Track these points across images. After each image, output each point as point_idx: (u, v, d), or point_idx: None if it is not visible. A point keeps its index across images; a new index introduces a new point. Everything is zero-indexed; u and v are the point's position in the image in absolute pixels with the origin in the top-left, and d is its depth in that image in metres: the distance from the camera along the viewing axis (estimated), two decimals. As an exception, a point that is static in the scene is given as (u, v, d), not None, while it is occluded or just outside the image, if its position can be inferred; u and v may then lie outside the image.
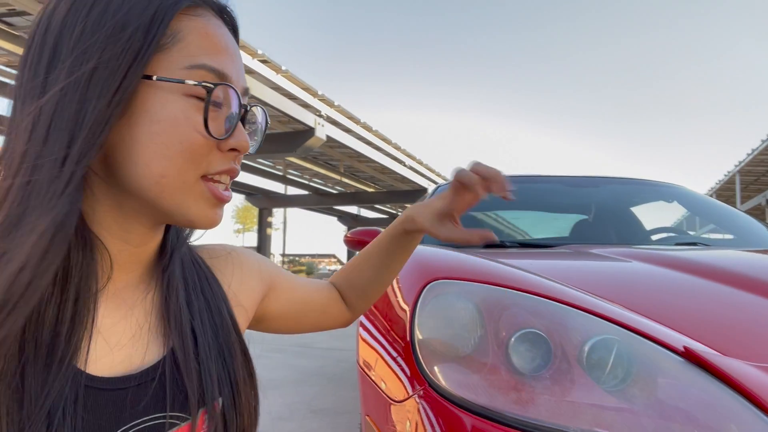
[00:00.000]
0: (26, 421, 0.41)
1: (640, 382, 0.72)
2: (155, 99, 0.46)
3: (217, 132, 0.49)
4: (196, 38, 0.49)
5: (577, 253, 1.50)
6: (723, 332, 0.83)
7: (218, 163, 0.51)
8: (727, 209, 2.31)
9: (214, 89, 0.48)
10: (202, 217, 0.51)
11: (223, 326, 0.58)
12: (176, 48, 0.47)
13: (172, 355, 0.52)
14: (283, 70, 10.57)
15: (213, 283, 0.61)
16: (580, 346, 0.77)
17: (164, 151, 0.47)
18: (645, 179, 2.62)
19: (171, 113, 0.47)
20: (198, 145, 0.48)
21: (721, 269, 1.12)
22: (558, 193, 2.53)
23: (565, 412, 0.69)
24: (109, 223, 0.50)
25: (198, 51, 0.48)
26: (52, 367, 0.44)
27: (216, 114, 0.49)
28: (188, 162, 0.48)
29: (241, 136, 0.51)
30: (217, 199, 0.51)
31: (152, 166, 0.47)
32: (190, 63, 0.48)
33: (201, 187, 0.50)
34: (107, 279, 0.51)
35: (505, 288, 0.91)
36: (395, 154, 16.87)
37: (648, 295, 1.00)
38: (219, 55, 0.50)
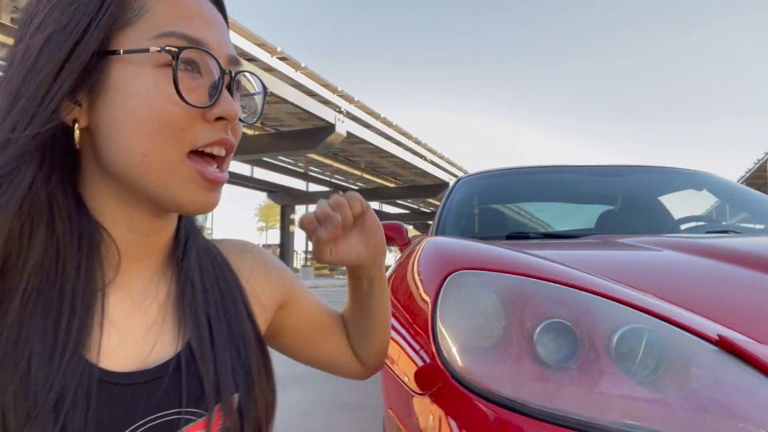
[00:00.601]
0: (33, 409, 0.41)
1: (672, 373, 0.69)
2: (126, 75, 0.45)
3: (197, 100, 0.47)
4: (164, 7, 0.47)
5: (603, 243, 1.46)
6: (758, 319, 0.80)
7: (206, 135, 0.48)
8: (760, 196, 2.23)
9: (180, 52, 0.45)
10: (191, 201, 0.49)
11: (237, 315, 0.57)
12: (143, 19, 0.46)
13: (188, 348, 0.51)
14: (303, 67, 10.61)
15: (227, 272, 0.60)
16: (609, 336, 0.74)
17: (142, 128, 0.45)
18: (672, 167, 2.55)
19: (143, 87, 0.45)
20: (176, 116, 0.46)
21: (754, 255, 1.07)
22: (582, 183, 2.47)
23: (593, 404, 0.67)
24: (112, 212, 0.49)
25: (166, 19, 0.46)
26: (58, 357, 0.43)
27: (195, 83, 0.47)
28: (170, 137, 0.46)
29: (227, 104, 0.48)
30: (207, 181, 0.49)
31: (133, 144, 0.46)
32: (158, 32, 0.46)
33: (188, 168, 0.48)
34: (116, 269, 0.50)
35: (528, 277, 0.88)
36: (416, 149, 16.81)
37: (678, 282, 0.96)
38: (191, 22, 0.48)
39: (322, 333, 0.72)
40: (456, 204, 2.28)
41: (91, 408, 0.43)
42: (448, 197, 2.36)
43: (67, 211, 0.47)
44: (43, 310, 0.44)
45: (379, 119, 14.30)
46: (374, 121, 14.16)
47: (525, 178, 2.52)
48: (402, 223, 2.59)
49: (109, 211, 0.49)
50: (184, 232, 0.57)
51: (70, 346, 0.44)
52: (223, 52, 0.50)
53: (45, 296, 0.45)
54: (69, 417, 0.42)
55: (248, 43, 9.03)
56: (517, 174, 2.53)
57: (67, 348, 0.44)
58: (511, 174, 2.54)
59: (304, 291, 0.71)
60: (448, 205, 2.28)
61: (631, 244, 1.35)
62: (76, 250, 0.46)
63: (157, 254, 0.54)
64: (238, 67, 0.52)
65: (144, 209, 0.50)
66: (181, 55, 0.46)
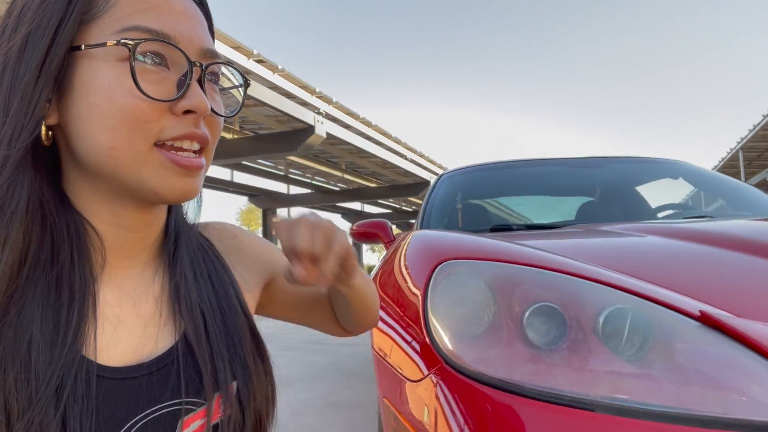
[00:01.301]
0: (34, 395, 0.42)
1: (657, 349, 0.71)
2: (90, 70, 0.45)
3: (162, 94, 0.46)
4: (129, 2, 0.46)
5: (586, 231, 1.49)
6: (737, 296, 0.83)
7: (173, 128, 0.47)
8: (733, 182, 2.29)
9: (137, 45, 0.44)
10: (167, 189, 0.48)
11: (231, 309, 0.57)
12: (108, 14, 0.46)
13: (184, 340, 0.52)
14: (280, 69, 10.56)
15: (219, 267, 0.60)
16: (595, 317, 0.76)
17: (107, 122, 0.45)
18: (648, 157, 2.60)
19: (105, 81, 0.45)
20: (140, 110, 0.45)
21: (732, 237, 1.11)
22: (562, 176, 2.51)
23: (583, 381, 0.69)
24: (96, 209, 0.50)
25: (131, 13, 0.46)
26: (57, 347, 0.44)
27: (160, 76, 0.46)
28: (134, 130, 0.45)
29: (196, 97, 0.47)
30: (179, 167, 0.47)
31: (99, 139, 0.46)
32: (121, 26, 0.45)
33: (157, 156, 0.47)
34: (102, 262, 0.50)
35: (515, 264, 0.90)
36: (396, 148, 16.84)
37: (660, 265, 0.99)
38: (158, 15, 0.46)
39: (309, 305, 0.71)
40: (439, 199, 2.30)
41: (91, 405, 0.44)
42: (431, 193, 2.38)
43: (54, 207, 0.48)
44: (42, 298, 0.45)
45: (358, 119, 14.29)
46: (354, 121, 14.15)
47: (506, 172, 2.55)
48: (387, 220, 2.60)
49: (93, 208, 0.50)
50: (174, 226, 0.57)
51: (69, 335, 0.45)
52: (195, 44, 0.49)
53: (43, 286, 0.45)
54: (70, 404, 0.43)
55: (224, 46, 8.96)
56: (498, 168, 2.56)
57: (68, 337, 0.44)
58: (493, 168, 2.57)
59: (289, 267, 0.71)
60: (431, 201, 2.30)
61: (613, 231, 1.39)
62: (67, 241, 0.47)
63: (147, 249, 0.54)
64: (213, 59, 0.51)
65: (126, 204, 0.50)
66: (146, 48, 0.45)
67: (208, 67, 0.50)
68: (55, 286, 0.46)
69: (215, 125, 0.52)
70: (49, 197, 0.48)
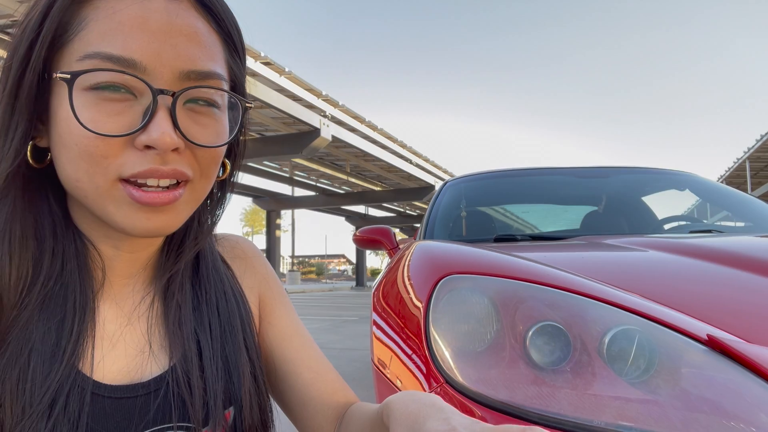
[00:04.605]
0: (28, 407, 0.41)
1: (663, 373, 0.70)
2: (57, 98, 0.43)
3: (123, 126, 0.42)
4: (99, 23, 0.42)
5: (590, 244, 1.48)
6: (746, 319, 0.81)
7: (134, 164, 0.43)
8: (740, 195, 2.27)
9: (74, 80, 0.41)
10: (129, 225, 0.44)
11: (235, 346, 0.55)
12: (77, 38, 0.42)
13: (178, 366, 0.51)
14: (287, 72, 10.59)
15: (231, 297, 0.57)
16: (600, 337, 0.75)
17: (68, 154, 0.43)
18: (655, 168, 2.58)
19: (65, 112, 0.42)
20: (93, 145, 0.41)
21: (739, 255, 1.09)
22: (568, 185, 2.50)
23: (587, 406, 0.68)
24: (92, 228, 0.50)
25: (97, 37, 0.41)
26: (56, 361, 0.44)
27: (123, 105, 0.42)
28: (92, 165, 0.42)
29: (155, 131, 0.42)
30: (141, 203, 0.43)
31: (67, 170, 0.44)
32: (84, 53, 0.41)
33: (119, 192, 0.43)
34: (102, 280, 0.50)
35: (520, 281, 0.89)
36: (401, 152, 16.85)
37: (667, 283, 0.98)
38: (127, 37, 0.41)
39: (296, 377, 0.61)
40: (443, 207, 2.29)
41: (82, 417, 0.44)
42: (435, 200, 2.37)
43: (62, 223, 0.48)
44: (47, 312, 0.45)
45: (364, 123, 14.31)
46: (359, 125, 14.17)
47: (511, 180, 2.54)
48: (390, 227, 2.59)
49: (90, 228, 0.50)
50: (177, 243, 0.56)
51: (68, 349, 0.45)
52: (171, 67, 0.43)
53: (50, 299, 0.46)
54: (60, 420, 0.42)
55: (231, 48, 9.02)
56: (503, 176, 2.55)
57: (67, 351, 0.44)
58: (498, 176, 2.55)
59: (285, 314, 0.64)
60: (435, 208, 2.29)
61: (617, 245, 1.37)
62: (74, 258, 0.47)
63: (147, 269, 0.54)
64: (203, 82, 0.45)
65: None
66: (105, 78, 0.41)
67: (184, 92, 0.44)
68: (61, 301, 0.46)
69: (206, 156, 0.46)
70: (59, 214, 0.48)
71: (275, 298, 0.64)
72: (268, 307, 0.63)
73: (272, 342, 0.62)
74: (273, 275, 0.66)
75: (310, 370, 0.61)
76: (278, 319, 0.63)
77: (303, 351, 0.62)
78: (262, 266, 0.65)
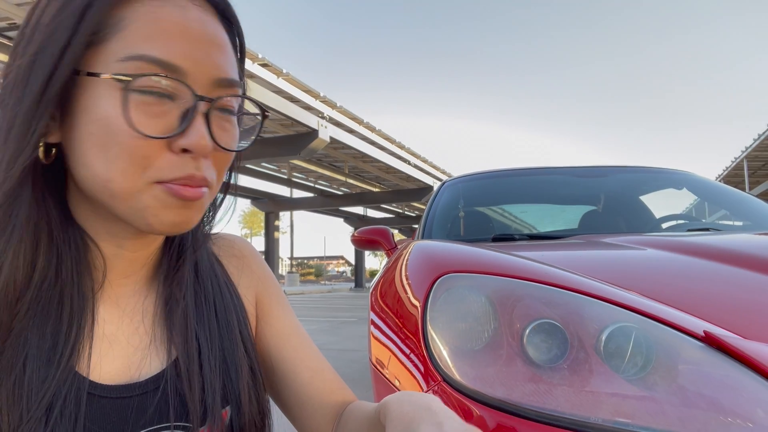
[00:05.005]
0: (25, 414, 0.41)
1: (660, 370, 0.70)
2: (91, 96, 0.43)
3: (160, 129, 0.43)
4: (141, 25, 0.42)
5: (588, 243, 1.48)
6: (743, 315, 0.81)
7: (172, 169, 0.44)
8: (738, 193, 2.28)
9: (133, 80, 0.41)
10: (160, 221, 0.45)
11: (232, 340, 0.55)
12: (116, 38, 0.42)
13: (174, 366, 0.51)
14: (284, 73, 10.59)
15: (226, 293, 0.58)
16: (597, 335, 0.75)
17: (104, 154, 0.43)
18: (652, 167, 2.59)
19: (104, 110, 0.42)
20: (135, 145, 0.42)
21: (736, 253, 1.09)
22: (566, 185, 2.50)
23: (584, 403, 0.68)
24: (96, 227, 0.49)
25: (139, 39, 0.42)
26: (52, 365, 0.43)
27: (162, 109, 0.43)
28: (131, 165, 0.43)
29: (194, 135, 0.43)
30: (176, 197, 0.44)
31: (97, 169, 0.43)
32: (126, 54, 0.42)
33: (153, 191, 0.44)
34: (102, 280, 0.50)
35: (517, 279, 0.89)
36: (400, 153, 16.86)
37: (664, 281, 0.98)
38: (168, 42, 0.43)
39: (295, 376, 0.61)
40: (441, 207, 2.29)
41: (79, 419, 0.44)
42: (433, 200, 2.37)
43: (58, 221, 0.47)
44: (43, 315, 0.45)
45: (362, 124, 14.32)
46: (357, 126, 14.18)
47: (509, 180, 2.54)
48: (388, 227, 2.59)
49: (93, 226, 0.49)
50: (178, 243, 0.56)
51: (66, 352, 0.44)
52: (207, 74, 0.45)
53: (46, 302, 0.45)
54: (57, 423, 0.42)
55: (229, 49, 9.03)
56: (501, 176, 2.55)
57: (65, 354, 0.44)
58: (496, 176, 2.56)
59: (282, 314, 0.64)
60: (433, 208, 2.29)
61: (615, 244, 1.37)
62: (70, 258, 0.47)
63: (146, 267, 0.54)
64: (229, 90, 0.47)
65: (125, 227, 0.49)
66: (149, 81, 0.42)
67: (218, 101, 0.46)
68: (57, 303, 0.45)
69: (223, 160, 0.48)
70: (55, 213, 0.47)
71: (272, 298, 0.64)
72: (265, 307, 0.63)
73: (270, 342, 0.62)
74: (270, 275, 0.66)
75: (309, 369, 0.61)
76: (276, 318, 0.63)
77: (301, 350, 0.62)
78: (258, 266, 0.65)
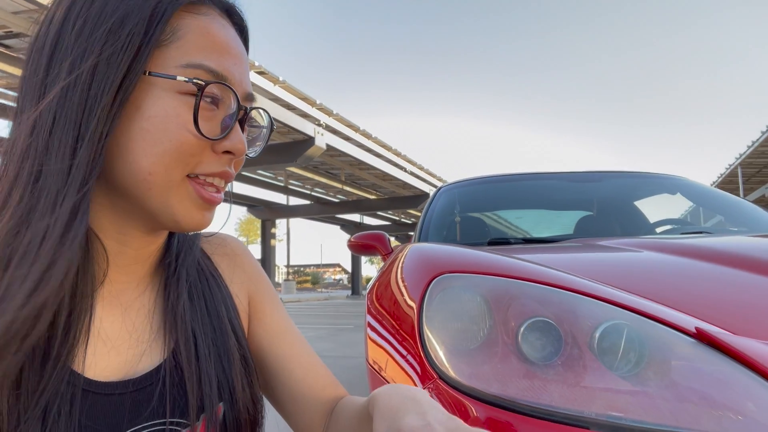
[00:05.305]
0: (23, 415, 0.41)
1: (653, 366, 0.71)
2: (148, 95, 0.46)
3: (210, 132, 0.48)
4: (196, 37, 0.48)
5: (583, 246, 1.49)
6: (734, 313, 0.82)
7: (210, 165, 0.49)
8: (731, 198, 2.30)
9: (205, 86, 0.47)
10: (188, 219, 0.49)
11: (222, 330, 0.57)
12: (174, 46, 0.47)
13: (173, 359, 0.51)
14: (281, 81, 10.63)
15: (214, 285, 0.59)
16: (591, 332, 0.76)
17: (153, 148, 0.46)
18: (647, 172, 2.61)
19: (162, 110, 0.46)
20: (188, 144, 0.47)
21: (728, 254, 1.11)
22: (561, 190, 2.52)
23: (578, 398, 0.68)
24: (104, 224, 0.50)
25: (196, 50, 0.47)
26: (48, 365, 0.43)
27: (211, 114, 0.48)
28: (176, 160, 0.47)
29: (237, 139, 0.50)
30: (204, 201, 0.50)
31: (141, 162, 0.46)
32: (187, 61, 0.47)
33: (187, 188, 0.49)
34: (103, 277, 0.50)
35: (512, 279, 0.90)
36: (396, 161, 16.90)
37: (657, 280, 0.99)
38: (219, 56, 0.49)
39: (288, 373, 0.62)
40: (437, 213, 2.30)
41: (75, 417, 0.44)
42: (429, 206, 2.38)
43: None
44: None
45: (358, 131, 14.35)
46: (354, 133, 14.21)
47: (505, 185, 2.56)
48: (384, 232, 2.60)
49: (101, 222, 0.49)
50: (176, 243, 0.57)
51: (63, 351, 0.44)
52: (242, 87, 0.51)
53: None
54: (54, 423, 0.43)
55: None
56: (496, 182, 2.57)
57: (61, 353, 0.44)
58: (491, 182, 2.57)
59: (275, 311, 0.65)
60: (429, 213, 2.30)
61: (610, 246, 1.38)
62: None
63: (145, 263, 0.54)
64: (252, 103, 0.54)
65: (137, 225, 0.50)
66: (207, 90, 0.47)
67: (251, 110, 0.53)
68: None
69: (239, 164, 0.54)
70: None
71: (264, 296, 0.65)
72: (258, 305, 0.64)
73: (263, 339, 0.63)
74: (261, 273, 0.67)
75: (301, 366, 0.62)
76: (269, 316, 0.64)
77: (294, 348, 0.63)
78: (250, 264, 0.66)
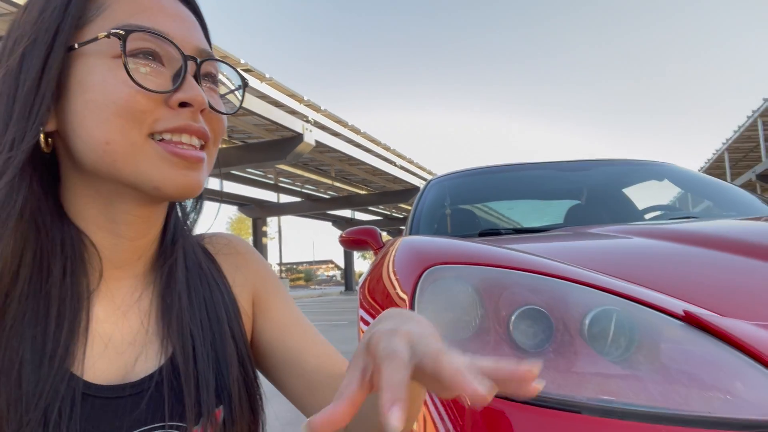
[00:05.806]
0: (24, 417, 0.41)
1: (643, 349, 0.72)
2: (84, 68, 0.46)
3: (156, 86, 0.46)
4: (122, 5, 0.47)
5: (573, 234, 1.50)
6: (721, 296, 0.84)
7: (168, 120, 0.47)
8: (718, 183, 2.32)
9: (127, 35, 0.45)
10: (167, 181, 0.47)
11: (221, 334, 0.56)
12: (101, 17, 0.47)
13: (171, 362, 0.51)
14: (268, 78, 10.57)
15: (215, 287, 0.58)
16: (581, 319, 0.77)
17: (101, 115, 0.45)
18: (635, 159, 2.63)
19: (99, 76, 0.45)
20: (134, 101, 0.45)
21: (717, 237, 1.12)
22: (550, 180, 2.53)
23: (570, 384, 0.69)
24: (93, 215, 0.49)
25: (123, 15, 0.47)
26: (47, 365, 0.43)
27: (155, 70, 0.47)
28: (128, 121, 0.45)
29: (192, 90, 0.47)
30: (177, 157, 0.47)
31: (94, 134, 0.45)
32: (114, 26, 0.46)
33: (154, 147, 0.47)
34: (99, 277, 0.49)
35: (502, 268, 0.91)
36: (386, 155, 16.89)
37: (645, 266, 1.00)
38: (150, 14, 0.47)
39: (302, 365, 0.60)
40: (428, 205, 2.31)
41: (75, 421, 0.44)
42: (419, 199, 2.39)
43: (49, 219, 0.47)
44: (32, 316, 0.45)
45: (347, 127, 14.31)
46: (342, 129, 14.17)
47: (494, 176, 2.57)
48: (376, 227, 2.61)
49: (91, 215, 0.49)
50: (171, 237, 0.56)
51: (57, 354, 0.44)
52: (190, 43, 0.49)
53: (34, 302, 0.45)
54: (55, 425, 0.42)
55: (211, 56, 9.00)
56: (486, 173, 2.58)
57: (56, 356, 0.44)
58: (481, 173, 2.58)
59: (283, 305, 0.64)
60: (420, 206, 2.30)
61: (599, 234, 1.39)
62: (60, 256, 0.47)
63: (142, 260, 0.54)
64: (214, 60, 0.52)
65: (126, 208, 0.50)
66: (139, 45, 0.46)
67: (203, 63, 0.50)
68: (45, 303, 0.45)
69: (216, 122, 0.51)
70: (46, 210, 0.47)
71: (271, 291, 0.63)
72: (265, 300, 0.63)
73: (273, 335, 0.61)
74: (268, 269, 0.66)
75: (316, 356, 0.60)
76: (277, 311, 0.62)
77: (305, 339, 0.61)
78: (255, 262, 0.65)
